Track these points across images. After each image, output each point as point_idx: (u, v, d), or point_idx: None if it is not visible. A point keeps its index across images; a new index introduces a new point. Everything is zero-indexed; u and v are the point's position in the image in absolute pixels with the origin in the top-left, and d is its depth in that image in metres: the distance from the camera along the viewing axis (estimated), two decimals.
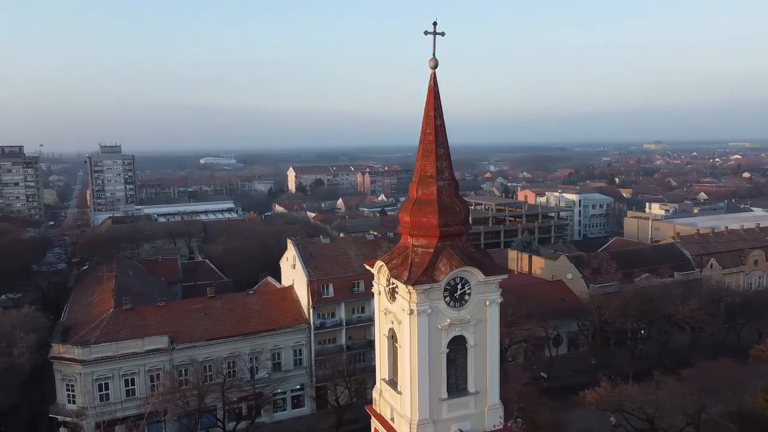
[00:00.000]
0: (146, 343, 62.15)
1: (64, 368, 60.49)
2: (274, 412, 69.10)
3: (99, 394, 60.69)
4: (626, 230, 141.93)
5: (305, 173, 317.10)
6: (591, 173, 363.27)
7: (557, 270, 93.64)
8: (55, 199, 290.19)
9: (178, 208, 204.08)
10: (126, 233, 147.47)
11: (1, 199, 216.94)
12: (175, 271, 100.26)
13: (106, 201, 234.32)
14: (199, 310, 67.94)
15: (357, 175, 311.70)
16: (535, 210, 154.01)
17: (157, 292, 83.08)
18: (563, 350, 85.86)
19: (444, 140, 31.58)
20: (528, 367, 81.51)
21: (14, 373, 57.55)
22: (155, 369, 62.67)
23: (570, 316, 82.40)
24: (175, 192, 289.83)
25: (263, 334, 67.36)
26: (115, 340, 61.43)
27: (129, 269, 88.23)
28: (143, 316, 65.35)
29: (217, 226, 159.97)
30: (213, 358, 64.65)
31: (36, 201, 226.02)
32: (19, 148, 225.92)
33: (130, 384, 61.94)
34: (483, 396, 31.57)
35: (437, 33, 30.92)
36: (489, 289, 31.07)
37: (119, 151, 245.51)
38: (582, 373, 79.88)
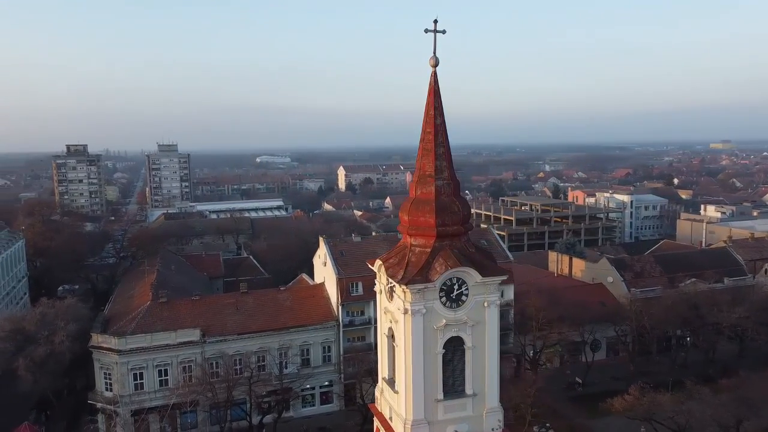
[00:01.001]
0: (179, 336, 64.23)
1: (102, 357, 63.31)
2: (303, 407, 70.12)
3: (134, 383, 63.15)
4: (679, 233, 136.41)
5: (355, 172, 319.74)
6: (649, 174, 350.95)
7: (598, 273, 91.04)
8: (117, 196, 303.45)
9: (229, 205, 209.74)
10: (177, 229, 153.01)
11: (67, 196, 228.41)
12: (218, 266, 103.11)
13: (163, 198, 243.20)
14: (231, 304, 69.66)
15: (406, 174, 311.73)
16: (582, 211, 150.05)
17: (197, 287, 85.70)
18: (601, 356, 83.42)
19: (444, 139, 31.30)
20: (562, 372, 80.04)
21: (55, 360, 60.59)
22: (187, 361, 64.69)
23: (608, 320, 79.89)
24: (229, 190, 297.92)
25: (292, 330, 68.43)
26: (149, 331, 63.80)
27: (172, 264, 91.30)
28: (178, 310, 67.55)
29: (264, 223, 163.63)
30: (243, 352, 66.15)
31: (98, 197, 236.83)
32: (83, 147, 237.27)
33: (164, 374, 64.16)
34: (481, 399, 31.12)
35: (438, 31, 30.66)
36: (488, 290, 30.58)
37: (176, 149, 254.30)
38: (620, 380, 77.15)
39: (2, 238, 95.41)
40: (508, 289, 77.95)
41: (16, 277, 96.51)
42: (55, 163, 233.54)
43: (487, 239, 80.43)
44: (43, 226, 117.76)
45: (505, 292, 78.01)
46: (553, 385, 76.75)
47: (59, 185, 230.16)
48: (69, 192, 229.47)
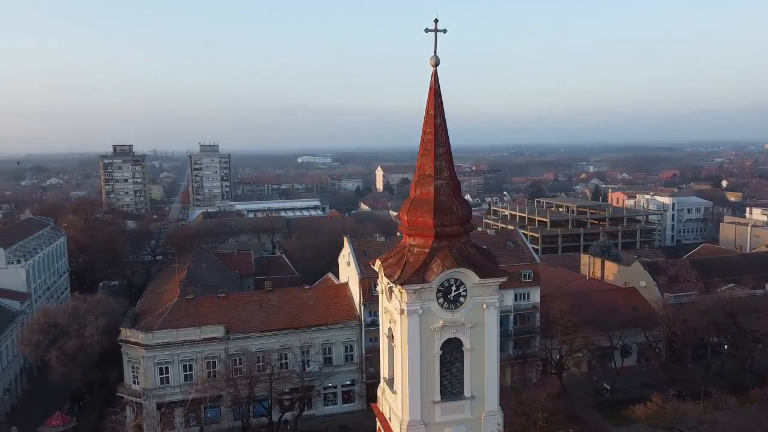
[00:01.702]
0: (203, 332, 65.61)
1: (130, 351, 65.23)
2: (324, 406, 70.64)
3: (160, 377, 64.81)
4: (722, 237, 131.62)
5: (393, 172, 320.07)
6: (697, 175, 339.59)
7: (631, 277, 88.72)
8: (162, 195, 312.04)
9: (267, 204, 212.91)
10: (214, 228, 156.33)
11: (113, 194, 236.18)
12: (249, 264, 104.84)
13: (204, 197, 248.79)
14: (256, 302, 70.74)
15: None
16: (620, 213, 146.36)
17: (227, 285, 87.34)
18: (632, 362, 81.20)
19: (444, 139, 31.03)
20: (589, 377, 78.33)
21: (85, 353, 62.77)
22: (211, 357, 66.01)
23: (639, 326, 77.70)
24: (269, 189, 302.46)
25: (314, 328, 69.03)
26: (175, 327, 65.36)
27: (203, 262, 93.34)
28: (203, 306, 69.00)
29: (299, 222, 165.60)
30: (265, 349, 67.12)
31: (142, 196, 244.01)
32: (129, 147, 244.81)
33: (188, 369, 65.64)
34: (480, 401, 30.74)
35: (438, 30, 30.47)
36: (487, 291, 30.23)
37: (217, 150, 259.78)
38: (650, 388, 74.80)
39: (45, 235, 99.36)
40: (534, 292, 76.86)
41: (58, 272, 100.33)
42: (102, 163, 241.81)
43: (513, 240, 79.40)
44: (85, 224, 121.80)
45: (531, 294, 77.03)
46: (579, 391, 75.31)
47: (106, 184, 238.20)
48: (115, 191, 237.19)
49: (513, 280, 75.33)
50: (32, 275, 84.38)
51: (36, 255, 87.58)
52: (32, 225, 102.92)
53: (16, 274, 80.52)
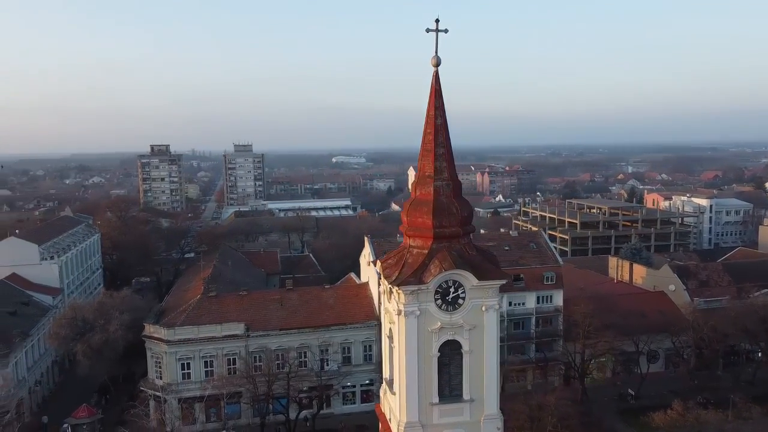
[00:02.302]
0: (224, 329, 66.69)
1: (153, 347, 66.76)
2: (343, 405, 70.95)
3: (181, 373, 66.14)
4: (761, 240, 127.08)
5: None
6: (741, 176, 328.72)
7: (659, 280, 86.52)
8: (198, 194, 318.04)
9: (298, 204, 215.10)
10: (245, 226, 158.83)
11: (150, 193, 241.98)
12: (275, 263, 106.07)
13: (238, 196, 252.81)
14: (276, 300, 71.55)
15: (476, 174, 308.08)
16: (653, 215, 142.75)
17: (252, 282, 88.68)
18: (660, 368, 79.25)
19: (444, 140, 30.81)
20: (614, 382, 76.74)
21: (110, 347, 64.53)
22: (232, 354, 67.06)
23: (666, 331, 75.74)
24: (302, 189, 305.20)
25: (333, 327, 69.42)
26: (197, 324, 66.60)
27: (229, 260, 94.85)
28: (225, 304, 70.15)
29: (328, 222, 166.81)
30: (285, 347, 67.84)
31: (178, 195, 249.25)
32: (165, 147, 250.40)
33: (209, 366, 66.80)
34: (479, 405, 30.41)
35: (440, 30, 30.33)
36: (486, 294, 29.89)
37: (251, 149, 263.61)
38: (677, 394, 72.83)
39: (79, 233, 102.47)
40: (557, 294, 75.71)
41: (91, 268, 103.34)
42: (140, 162, 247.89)
43: (536, 242, 78.33)
44: (119, 222, 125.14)
45: (554, 297, 75.92)
46: (603, 396, 73.95)
47: (143, 183, 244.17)
48: (152, 189, 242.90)
49: (535, 282, 74.66)
50: (65, 271, 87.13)
51: (69, 252, 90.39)
52: (67, 222, 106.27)
53: (50, 270, 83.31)
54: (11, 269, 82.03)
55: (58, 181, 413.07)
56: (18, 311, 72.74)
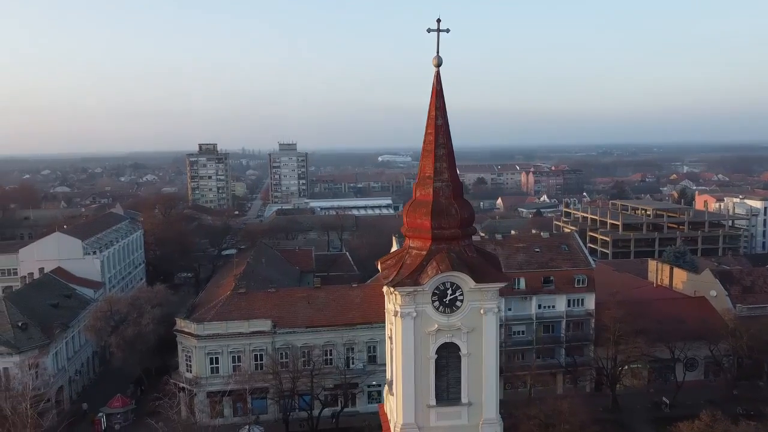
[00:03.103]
0: (251, 325, 68.00)
1: (184, 341, 68.68)
2: (369, 403, 71.19)
3: (210, 367, 67.79)
4: None
5: (468, 172, 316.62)
6: None
7: (700, 285, 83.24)
8: (245, 191, 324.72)
9: (340, 202, 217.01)
10: (285, 224, 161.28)
11: (197, 190, 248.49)
12: (309, 261, 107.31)
13: (282, 194, 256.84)
14: (303, 298, 72.41)
15: (521, 174, 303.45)
16: (701, 217, 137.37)
17: (285, 280, 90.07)
18: (698, 376, 76.34)
19: (445, 141, 30.60)
20: (645, 390, 74.44)
21: (142, 340, 66.73)
22: (259, 349, 68.30)
23: (705, 338, 72.86)
24: (346, 188, 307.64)
25: (359, 326, 69.75)
26: (225, 319, 68.11)
27: (263, 257, 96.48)
28: (254, 301, 71.45)
29: (367, 220, 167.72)
30: (311, 344, 68.60)
31: (225, 193, 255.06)
32: (213, 146, 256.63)
33: (237, 361, 68.21)
34: (478, 409, 30.04)
35: (441, 30, 30.14)
36: (485, 297, 29.47)
37: (295, 148, 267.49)
38: (716, 405, 70.17)
39: (123, 229, 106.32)
40: (589, 298, 73.94)
41: (134, 263, 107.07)
42: (188, 161, 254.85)
43: (568, 244, 76.63)
44: (162, 219, 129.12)
45: (585, 300, 74.18)
46: (636, 404, 71.86)
47: (191, 181, 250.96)
48: (200, 187, 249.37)
49: (565, 285, 73.17)
50: (106, 266, 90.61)
51: (111, 247, 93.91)
52: (112, 219, 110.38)
53: (92, 264, 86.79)
54: (57, 263, 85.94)
55: (114, 179, 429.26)
56: (60, 303, 76.09)
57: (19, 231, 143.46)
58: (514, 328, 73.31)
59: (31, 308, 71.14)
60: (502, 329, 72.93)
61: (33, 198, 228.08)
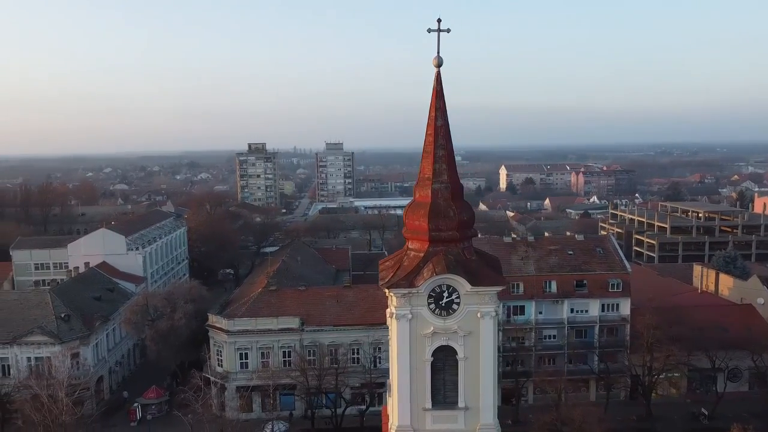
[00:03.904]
0: (280, 322, 69.10)
1: (215, 336, 70.41)
2: None
3: (239, 362, 69.25)
4: None
5: (517, 172, 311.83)
6: None
7: (747, 292, 79.44)
8: (293, 190, 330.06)
9: (384, 201, 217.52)
10: (327, 223, 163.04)
11: (246, 189, 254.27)
12: (345, 260, 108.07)
13: (328, 193, 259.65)
14: (332, 297, 73.04)
15: (571, 174, 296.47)
16: (756, 220, 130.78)
17: (319, 278, 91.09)
18: (741, 387, 72.87)
19: (445, 142, 30.37)
20: (682, 400, 71.63)
21: (175, 334, 68.79)
22: (287, 346, 69.33)
23: (749, 348, 69.43)
24: (392, 187, 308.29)
25: (386, 326, 69.57)
26: (255, 316, 69.46)
27: (299, 255, 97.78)
28: (283, 298, 72.53)
29: None
30: (338, 343, 69.14)
31: (273, 191, 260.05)
32: (262, 145, 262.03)
33: (266, 357, 69.44)
34: (475, 413, 29.74)
35: (442, 30, 29.96)
36: (482, 300, 29.16)
37: (341, 147, 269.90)
38: (759, 418, 67.01)
39: (167, 225, 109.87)
40: (624, 303, 71.68)
41: (177, 259, 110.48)
42: (238, 160, 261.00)
43: (603, 247, 74.46)
44: (207, 216, 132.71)
45: (621, 305, 71.92)
46: (673, 414, 69.23)
47: (241, 179, 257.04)
48: (248, 186, 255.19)
49: (599, 289, 71.26)
50: (149, 261, 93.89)
51: (154, 243, 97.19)
52: (156, 216, 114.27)
53: (135, 259, 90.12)
54: (102, 258, 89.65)
55: (170, 177, 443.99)
56: (103, 297, 79.35)
57: (76, 226, 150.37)
58: (544, 332, 71.82)
59: (75, 301, 74.48)
60: (532, 333, 71.67)
61: (92, 195, 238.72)
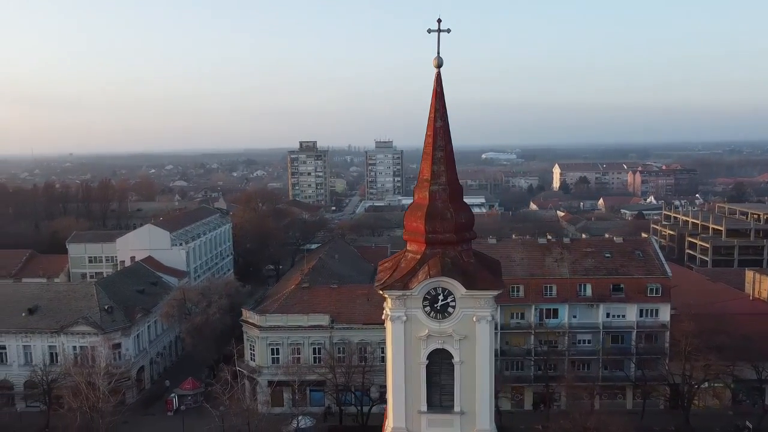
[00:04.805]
0: (310, 319, 70.01)
1: (249, 331, 72.06)
2: None
3: (271, 357, 70.62)
4: None
5: (571, 170, 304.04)
6: None
7: None
8: (345, 188, 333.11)
9: None
10: (373, 221, 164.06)
11: (297, 186, 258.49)
12: (384, 257, 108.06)
13: (377, 191, 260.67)
14: (363, 295, 73.27)
15: (628, 174, 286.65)
16: None
17: (356, 276, 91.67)
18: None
19: (445, 143, 30.15)
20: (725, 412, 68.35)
21: (209, 328, 70.78)
22: (317, 343, 70.23)
23: None
24: None
25: None
26: (286, 312, 70.66)
27: (336, 253, 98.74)
28: (315, 295, 73.46)
29: None
30: (367, 341, 69.44)
31: (323, 189, 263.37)
32: (313, 143, 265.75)
33: (296, 353, 70.55)
34: (471, 418, 29.41)
35: (442, 30, 29.73)
36: (477, 304, 28.75)
37: (390, 146, 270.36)
38: None
39: (213, 222, 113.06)
40: (664, 309, 68.95)
41: (221, 255, 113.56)
42: (289, 158, 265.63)
43: (643, 250, 71.82)
44: (253, 213, 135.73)
45: (660, 311, 69.25)
46: (714, 425, 66.25)
47: (292, 177, 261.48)
48: (299, 183, 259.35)
49: (637, 294, 68.90)
50: (192, 256, 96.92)
51: (198, 239, 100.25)
52: (202, 212, 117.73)
53: (178, 254, 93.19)
54: (148, 252, 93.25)
55: (227, 174, 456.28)
56: (146, 290, 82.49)
57: (132, 222, 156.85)
58: (578, 336, 69.95)
59: (119, 293, 77.80)
60: (565, 337, 69.97)
61: (150, 191, 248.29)
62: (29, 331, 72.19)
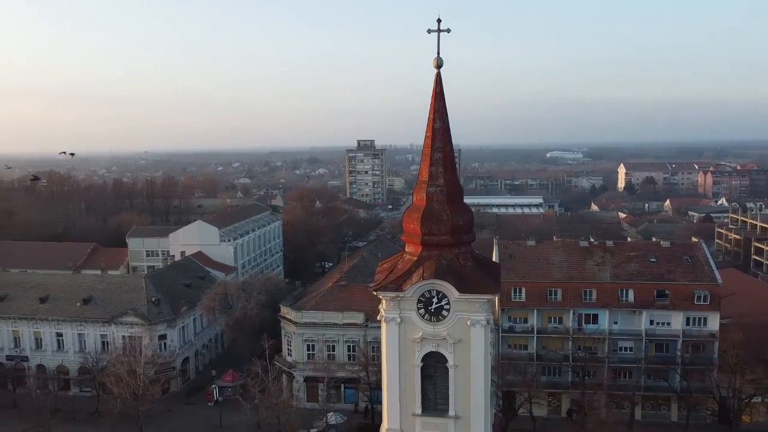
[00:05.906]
0: (345, 317, 70.72)
1: (286, 326, 73.53)
2: None
3: (307, 353, 71.79)
4: None
5: (637, 170, 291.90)
6: None
7: None
8: (403, 186, 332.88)
9: (484, 199, 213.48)
10: None
11: (355, 185, 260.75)
12: None
13: None
14: None
15: (698, 174, 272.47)
16: None
17: None
18: None
19: (443, 144, 29.89)
20: None
21: (248, 323, 72.65)
22: (352, 341, 70.83)
23: None
24: (502, 184, 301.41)
25: None
26: (323, 309, 71.64)
27: (379, 251, 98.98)
28: (351, 293, 74.01)
29: (508, 219, 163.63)
30: None
31: (380, 187, 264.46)
32: (370, 142, 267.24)
33: (331, 350, 71.41)
34: (465, 423, 29.15)
35: (442, 30, 29.53)
36: (472, 308, 28.43)
37: None
38: None
39: (263, 219, 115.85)
40: (712, 318, 65.36)
41: (271, 251, 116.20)
42: (347, 156, 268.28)
43: (692, 255, 68.30)
44: (304, 211, 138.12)
45: (708, 320, 65.74)
46: None
47: (350, 175, 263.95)
48: (356, 181, 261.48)
49: (683, 301, 65.73)
50: (240, 252, 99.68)
51: (246, 236, 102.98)
52: (253, 209, 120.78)
53: (227, 250, 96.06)
54: (198, 248, 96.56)
55: (290, 172, 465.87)
56: (193, 284, 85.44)
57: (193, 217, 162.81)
58: (619, 344, 67.34)
59: (166, 286, 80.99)
60: (605, 343, 67.57)
61: (214, 188, 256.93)
62: (83, 320, 76.38)
